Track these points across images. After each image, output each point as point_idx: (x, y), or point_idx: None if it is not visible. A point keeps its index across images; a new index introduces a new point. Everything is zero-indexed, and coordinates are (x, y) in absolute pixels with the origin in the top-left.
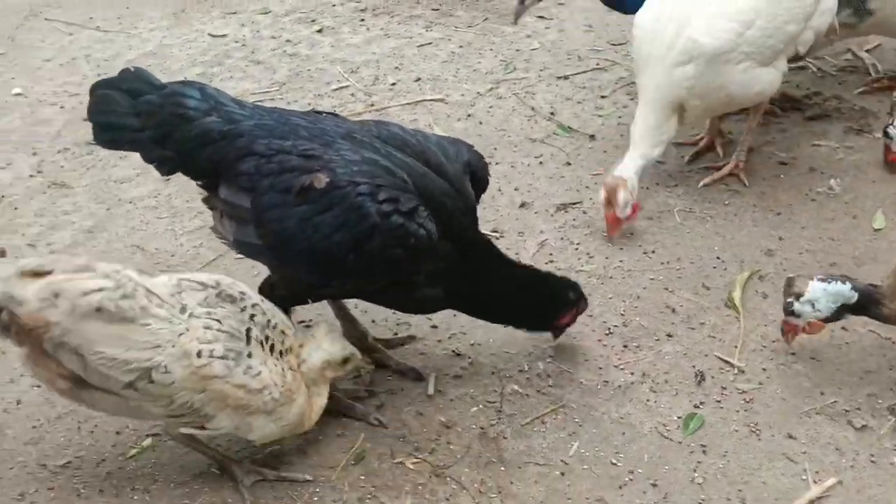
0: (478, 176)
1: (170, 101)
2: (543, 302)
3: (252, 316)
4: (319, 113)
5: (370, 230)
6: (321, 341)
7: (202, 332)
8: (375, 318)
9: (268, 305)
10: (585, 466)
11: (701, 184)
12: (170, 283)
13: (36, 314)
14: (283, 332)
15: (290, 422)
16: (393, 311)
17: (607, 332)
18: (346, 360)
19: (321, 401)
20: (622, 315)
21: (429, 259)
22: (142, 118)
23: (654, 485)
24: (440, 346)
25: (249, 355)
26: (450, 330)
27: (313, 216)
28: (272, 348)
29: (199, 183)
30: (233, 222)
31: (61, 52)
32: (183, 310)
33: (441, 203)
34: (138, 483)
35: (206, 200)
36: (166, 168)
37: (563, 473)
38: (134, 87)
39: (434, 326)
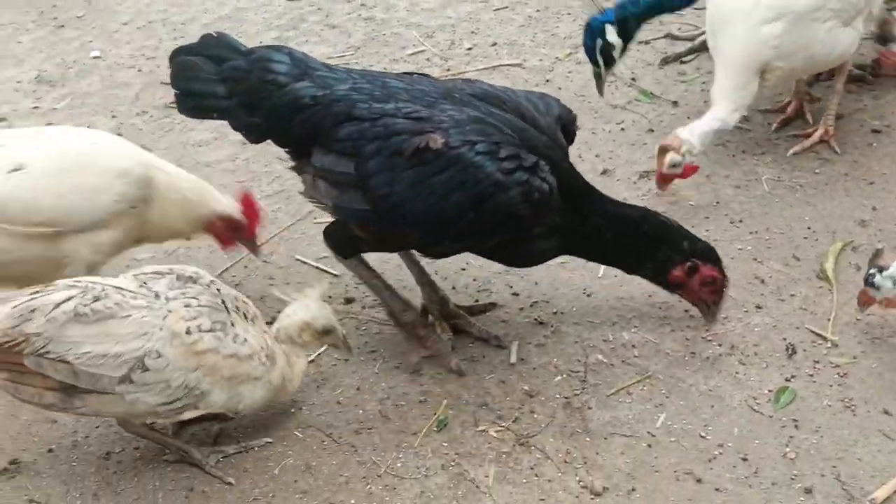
0: (567, 129)
1: (258, 66)
2: (652, 245)
3: (218, 290)
4: (410, 74)
5: (492, 189)
6: (310, 303)
7: (185, 310)
8: (456, 284)
9: (220, 283)
10: (673, 439)
11: (790, 152)
12: (130, 277)
13: (12, 330)
14: (244, 301)
15: (275, 384)
16: (474, 278)
17: None
18: (326, 332)
19: (301, 364)
20: None
21: (549, 213)
22: (228, 85)
23: (744, 459)
24: (522, 313)
25: (233, 324)
26: (531, 298)
27: (428, 178)
28: (245, 316)
29: (287, 150)
30: (331, 188)
31: (138, 15)
32: (157, 296)
33: (548, 157)
34: (222, 444)
35: (295, 168)
36: (255, 136)
37: (649, 445)
38: (218, 53)
39: (515, 294)
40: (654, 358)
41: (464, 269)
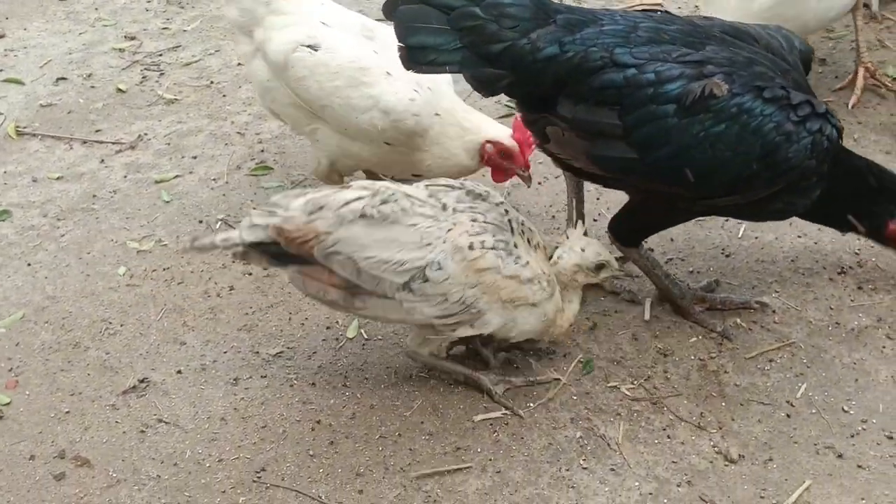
0: (807, 66)
1: (495, 12)
2: (883, 197)
3: (506, 210)
4: (650, 11)
5: (782, 139)
6: (574, 244)
7: (470, 225)
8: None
9: (509, 205)
10: (813, 410)
11: (850, 104)
12: (422, 187)
13: (305, 226)
14: (530, 228)
15: (549, 316)
16: (607, 230)
17: (840, 270)
18: (599, 267)
19: (573, 307)
20: (856, 254)
21: (827, 161)
22: (463, 34)
23: (889, 437)
24: None
25: (516, 245)
26: (666, 254)
27: (709, 129)
28: (528, 241)
29: (520, 102)
30: (586, 139)
31: None
32: (444, 207)
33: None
34: (350, 380)
35: (530, 121)
36: (493, 88)
37: (788, 415)
38: (443, 1)
39: (650, 249)
40: (796, 325)
41: (595, 221)
